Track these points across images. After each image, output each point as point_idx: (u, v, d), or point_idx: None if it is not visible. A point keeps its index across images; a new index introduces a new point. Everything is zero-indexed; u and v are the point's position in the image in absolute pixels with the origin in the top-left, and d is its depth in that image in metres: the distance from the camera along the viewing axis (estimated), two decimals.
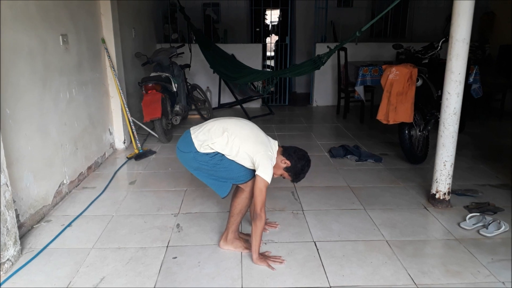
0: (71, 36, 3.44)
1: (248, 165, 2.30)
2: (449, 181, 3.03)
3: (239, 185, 2.40)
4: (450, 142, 2.95)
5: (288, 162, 2.33)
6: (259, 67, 6.66)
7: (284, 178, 2.43)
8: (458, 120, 2.93)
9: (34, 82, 2.87)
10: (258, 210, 2.23)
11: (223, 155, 2.30)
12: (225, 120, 2.39)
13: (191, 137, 2.35)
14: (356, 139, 4.90)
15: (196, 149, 2.31)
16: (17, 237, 2.40)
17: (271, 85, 5.87)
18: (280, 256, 2.40)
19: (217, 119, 2.44)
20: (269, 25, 9.62)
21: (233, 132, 2.30)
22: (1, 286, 2.16)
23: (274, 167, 2.31)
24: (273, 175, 2.34)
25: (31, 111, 2.81)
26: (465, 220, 2.81)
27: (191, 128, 2.43)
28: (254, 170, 2.27)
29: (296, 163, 2.33)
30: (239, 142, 2.27)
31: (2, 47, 2.48)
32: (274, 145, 2.37)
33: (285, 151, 2.36)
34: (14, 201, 2.49)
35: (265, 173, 2.21)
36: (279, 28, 7.79)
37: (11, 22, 2.59)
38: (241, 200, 2.40)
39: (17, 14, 2.67)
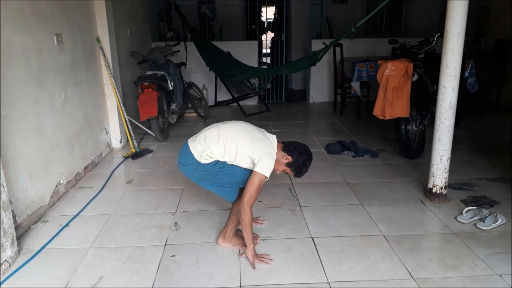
0: (66, 35, 3.43)
1: (250, 165, 2.29)
2: (446, 175, 3.04)
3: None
4: (446, 136, 2.96)
5: (289, 157, 2.33)
6: (255, 64, 6.64)
7: (286, 174, 2.43)
8: (454, 114, 2.94)
9: (29, 82, 2.86)
10: (244, 201, 2.20)
11: (224, 162, 2.30)
12: (219, 126, 2.39)
13: (189, 149, 2.35)
14: (352, 135, 4.91)
15: (196, 160, 2.32)
16: (14, 238, 2.40)
17: (267, 82, 5.86)
18: (269, 254, 2.39)
19: (211, 126, 2.44)
20: (264, 22, 9.59)
21: (228, 136, 2.29)
22: None
23: (276, 163, 2.30)
24: (275, 171, 2.34)
25: (26, 111, 2.80)
26: (461, 213, 2.82)
27: (188, 140, 2.42)
28: None
29: (298, 158, 2.33)
30: (236, 145, 2.27)
31: None
32: (273, 140, 2.36)
33: (285, 146, 2.35)
34: (11, 202, 2.48)
35: (263, 169, 2.20)
36: (275, 25, 7.76)
37: (5, 22, 2.57)
38: None
39: (11, 14, 2.66)
